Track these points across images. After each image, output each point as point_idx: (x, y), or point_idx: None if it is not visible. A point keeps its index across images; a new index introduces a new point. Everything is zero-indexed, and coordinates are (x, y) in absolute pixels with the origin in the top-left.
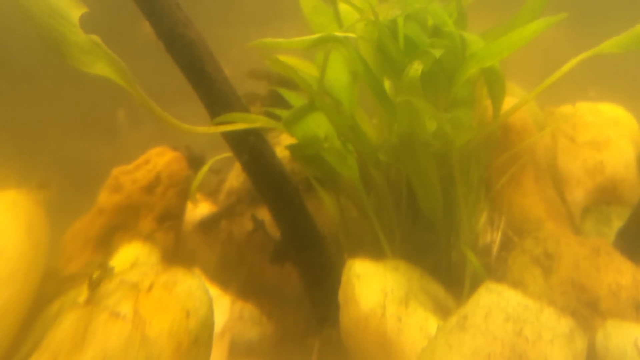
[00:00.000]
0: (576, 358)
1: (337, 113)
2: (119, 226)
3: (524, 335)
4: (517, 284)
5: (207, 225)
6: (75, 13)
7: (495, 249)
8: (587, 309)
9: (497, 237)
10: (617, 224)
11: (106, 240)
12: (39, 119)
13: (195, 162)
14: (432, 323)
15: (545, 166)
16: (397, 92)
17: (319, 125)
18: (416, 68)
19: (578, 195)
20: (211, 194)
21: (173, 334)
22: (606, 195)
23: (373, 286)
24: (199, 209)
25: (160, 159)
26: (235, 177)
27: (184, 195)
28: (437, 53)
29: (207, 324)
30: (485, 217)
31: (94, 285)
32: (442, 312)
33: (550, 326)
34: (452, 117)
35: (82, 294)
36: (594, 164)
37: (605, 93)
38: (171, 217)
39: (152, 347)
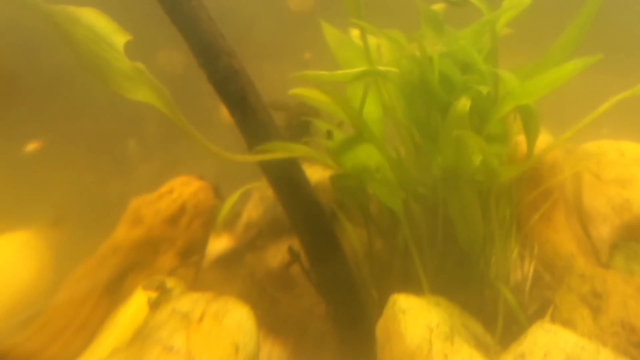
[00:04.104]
0: None
1: (382, 145)
2: (134, 265)
3: None
4: (566, 324)
5: (228, 260)
6: (120, 40)
7: (527, 286)
8: (637, 350)
9: (530, 273)
10: None
11: (118, 284)
12: (46, 151)
13: (215, 192)
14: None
15: (572, 202)
16: (436, 128)
17: (369, 156)
18: (464, 103)
19: (604, 231)
20: (228, 226)
21: None
22: (633, 233)
23: (418, 321)
24: (217, 243)
25: (186, 188)
26: (254, 208)
27: (207, 227)
28: (484, 90)
29: (255, 356)
30: (516, 253)
31: (154, 307)
32: (482, 348)
33: None
34: (496, 152)
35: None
36: (621, 202)
37: (618, 131)
38: (195, 251)
39: None
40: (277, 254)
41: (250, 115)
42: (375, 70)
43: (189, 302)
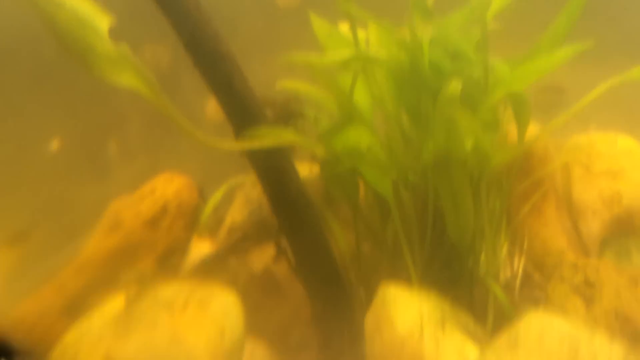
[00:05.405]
0: None
1: (372, 128)
2: (104, 282)
3: (580, 357)
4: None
5: (210, 264)
6: (104, 23)
7: (517, 283)
8: (630, 340)
9: (519, 271)
10: (638, 256)
11: (88, 295)
12: (18, 154)
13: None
14: (469, 347)
15: (562, 195)
16: (427, 113)
17: (360, 137)
18: (455, 86)
19: (594, 226)
20: (211, 229)
21: (209, 352)
22: (623, 227)
23: (409, 308)
24: (199, 247)
25: (169, 186)
26: (238, 211)
27: (190, 228)
28: (476, 72)
29: (241, 343)
30: (506, 250)
31: (132, 300)
32: (474, 340)
33: (605, 350)
34: (488, 135)
35: None
36: (611, 194)
37: (606, 126)
38: (175, 255)
39: None
40: (261, 258)
41: (236, 101)
42: (365, 55)
43: (171, 291)
